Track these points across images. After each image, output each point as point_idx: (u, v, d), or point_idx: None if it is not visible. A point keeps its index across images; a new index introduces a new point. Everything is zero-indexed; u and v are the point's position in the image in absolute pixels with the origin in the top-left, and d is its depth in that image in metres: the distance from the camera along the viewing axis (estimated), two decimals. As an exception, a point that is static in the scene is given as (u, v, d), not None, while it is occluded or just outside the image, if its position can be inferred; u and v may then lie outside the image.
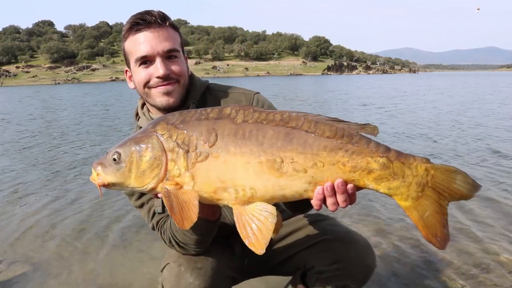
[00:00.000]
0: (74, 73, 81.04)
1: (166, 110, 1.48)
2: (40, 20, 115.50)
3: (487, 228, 3.34)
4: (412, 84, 37.06)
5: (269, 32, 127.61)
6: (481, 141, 7.20)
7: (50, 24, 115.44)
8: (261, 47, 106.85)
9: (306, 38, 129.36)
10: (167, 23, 1.44)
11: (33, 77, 76.14)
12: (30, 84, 66.40)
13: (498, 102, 15.71)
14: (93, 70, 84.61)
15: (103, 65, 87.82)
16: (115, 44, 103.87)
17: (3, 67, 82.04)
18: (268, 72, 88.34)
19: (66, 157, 6.77)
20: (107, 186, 1.20)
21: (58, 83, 68.85)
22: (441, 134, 8.06)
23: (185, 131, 1.15)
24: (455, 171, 1.11)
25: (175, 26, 1.49)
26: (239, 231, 1.12)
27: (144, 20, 1.40)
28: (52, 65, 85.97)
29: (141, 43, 1.41)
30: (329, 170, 1.11)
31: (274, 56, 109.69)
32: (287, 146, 1.10)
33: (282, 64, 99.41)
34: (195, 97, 1.54)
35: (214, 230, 1.46)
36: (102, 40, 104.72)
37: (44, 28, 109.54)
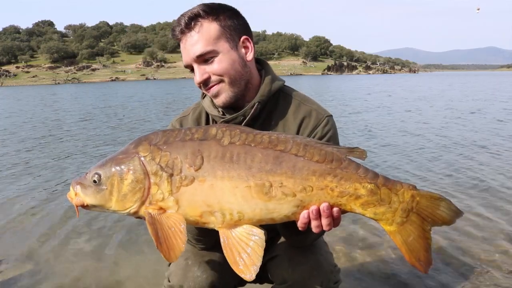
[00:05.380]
0: (74, 73, 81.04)
1: (225, 108, 1.41)
2: (40, 20, 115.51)
3: (486, 228, 3.34)
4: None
5: (269, 32, 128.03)
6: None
7: (50, 24, 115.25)
8: (261, 47, 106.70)
9: (306, 38, 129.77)
10: (193, 23, 1.31)
11: (33, 77, 76.13)
12: (30, 84, 66.42)
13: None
14: (93, 70, 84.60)
15: (103, 65, 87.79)
16: (115, 44, 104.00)
17: (3, 67, 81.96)
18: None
19: (68, 157, 6.77)
20: (86, 207, 1.16)
21: (58, 83, 68.86)
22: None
23: (169, 153, 1.11)
24: (439, 198, 1.13)
25: (212, 14, 1.32)
26: (226, 256, 1.10)
27: (175, 31, 1.34)
28: (52, 65, 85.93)
29: (182, 53, 1.36)
30: (317, 195, 1.10)
31: (274, 56, 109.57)
32: (276, 170, 1.09)
33: (282, 64, 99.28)
34: (262, 96, 1.39)
35: (211, 231, 1.37)
36: (102, 40, 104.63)
37: (44, 28, 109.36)
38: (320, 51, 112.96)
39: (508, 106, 14.12)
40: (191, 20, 1.31)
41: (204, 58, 1.32)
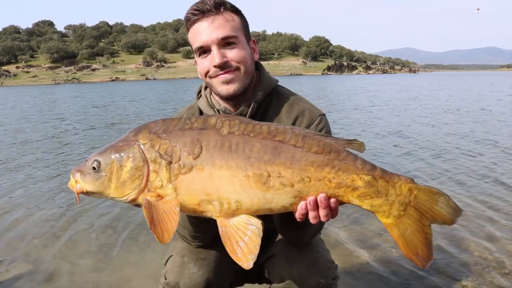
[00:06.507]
0: (74, 73, 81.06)
1: (229, 99, 1.43)
2: (40, 20, 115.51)
3: (487, 228, 3.34)
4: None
5: (269, 32, 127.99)
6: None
7: (50, 24, 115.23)
8: (261, 47, 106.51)
9: (306, 38, 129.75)
10: (222, 9, 1.36)
11: (33, 77, 76.15)
12: (30, 84, 66.43)
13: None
14: (93, 70, 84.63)
15: (103, 65, 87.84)
16: (115, 44, 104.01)
17: (3, 67, 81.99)
18: (268, 72, 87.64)
19: (68, 157, 6.79)
20: (86, 194, 1.17)
21: (58, 83, 68.88)
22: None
23: (168, 141, 1.12)
24: (437, 192, 1.13)
25: (235, 9, 1.41)
26: (224, 245, 1.11)
27: (199, 10, 1.36)
28: (52, 65, 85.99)
29: (197, 33, 1.37)
30: (315, 185, 1.11)
31: (274, 56, 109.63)
32: (274, 160, 1.10)
33: (282, 64, 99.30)
34: (258, 96, 1.46)
35: (208, 228, 1.40)
36: (102, 40, 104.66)
37: (44, 28, 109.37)
38: (320, 51, 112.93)
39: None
40: (220, 5, 1.36)
41: (228, 41, 1.36)
